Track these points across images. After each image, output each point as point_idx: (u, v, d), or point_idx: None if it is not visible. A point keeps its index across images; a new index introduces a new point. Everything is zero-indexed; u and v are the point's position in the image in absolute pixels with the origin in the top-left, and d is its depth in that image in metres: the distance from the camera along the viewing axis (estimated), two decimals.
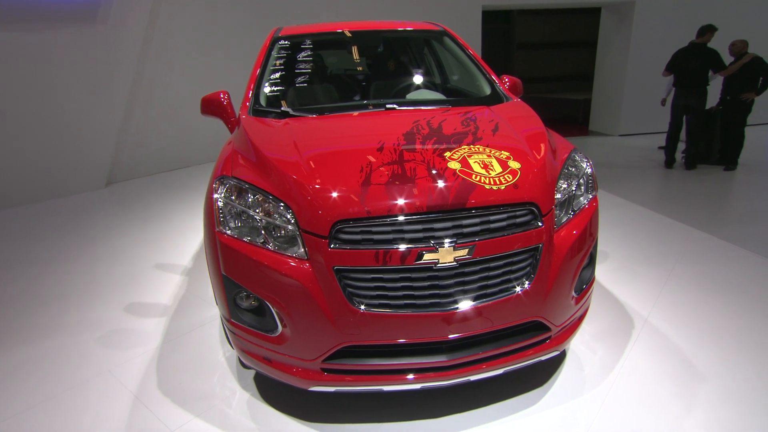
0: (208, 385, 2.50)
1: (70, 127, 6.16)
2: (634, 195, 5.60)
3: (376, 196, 1.83)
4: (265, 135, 2.37)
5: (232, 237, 1.98)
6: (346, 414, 2.23)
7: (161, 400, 2.42)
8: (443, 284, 1.82)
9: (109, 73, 6.32)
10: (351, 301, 1.81)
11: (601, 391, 2.33)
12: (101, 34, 6.14)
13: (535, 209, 1.94)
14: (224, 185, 2.09)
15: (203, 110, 2.97)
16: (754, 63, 6.24)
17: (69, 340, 3.00)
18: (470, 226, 1.84)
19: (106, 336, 3.02)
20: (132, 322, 3.16)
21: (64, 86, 6.00)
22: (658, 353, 2.61)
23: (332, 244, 1.80)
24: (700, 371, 2.46)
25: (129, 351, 2.84)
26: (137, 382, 2.56)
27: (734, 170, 6.58)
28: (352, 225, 1.80)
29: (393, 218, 1.79)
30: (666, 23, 9.23)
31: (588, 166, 2.32)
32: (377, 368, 1.91)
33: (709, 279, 3.44)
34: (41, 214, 5.63)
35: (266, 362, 2.06)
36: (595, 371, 2.47)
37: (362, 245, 1.80)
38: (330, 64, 3.46)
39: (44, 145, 6.00)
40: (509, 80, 3.18)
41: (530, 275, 1.93)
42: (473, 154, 2.05)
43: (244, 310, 2.04)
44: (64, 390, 2.52)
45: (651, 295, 3.23)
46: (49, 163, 6.08)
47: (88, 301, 3.46)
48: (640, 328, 2.84)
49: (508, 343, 1.98)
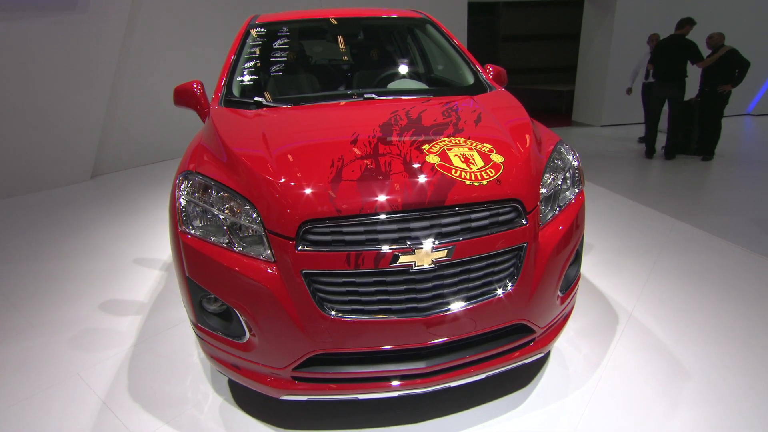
0: (180, 388, 2.30)
1: (53, 119, 5.84)
2: (616, 185, 5.46)
3: (346, 194, 1.62)
4: (234, 127, 2.14)
5: (196, 237, 1.77)
6: (321, 420, 2.05)
7: (130, 406, 2.22)
8: (420, 288, 1.63)
9: (91, 64, 5.99)
10: (321, 307, 1.62)
11: (585, 391, 2.18)
12: (81, 23, 5.80)
13: (519, 206, 1.74)
14: (188, 181, 1.87)
15: (176, 101, 2.72)
16: (730, 55, 6.12)
17: (39, 341, 2.78)
18: (449, 225, 1.64)
19: (78, 336, 2.80)
20: (106, 321, 2.95)
21: (45, 77, 5.67)
22: (642, 349, 2.46)
23: (300, 245, 1.59)
24: (685, 368, 2.32)
25: (101, 353, 2.63)
26: (106, 387, 2.36)
27: (711, 160, 6.47)
28: (321, 225, 1.59)
29: (365, 218, 1.59)
30: (648, 16, 9.05)
31: (574, 159, 2.13)
32: (351, 376, 1.73)
33: (691, 271, 3.30)
34: (25, 206, 5.35)
35: (235, 369, 1.86)
36: (580, 370, 2.31)
37: (332, 247, 1.59)
38: (307, 53, 3.20)
39: (27, 137, 5.68)
40: (493, 69, 2.96)
41: (514, 276, 1.75)
42: (453, 146, 1.85)
43: (211, 314, 1.84)
44: (27, 396, 2.31)
45: (635, 289, 3.08)
46: (33, 156, 5.77)
47: (62, 299, 3.23)
48: (625, 323, 2.69)
49: (491, 348, 1.80)
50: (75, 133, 6.04)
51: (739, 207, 4.68)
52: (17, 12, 5.33)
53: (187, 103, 2.68)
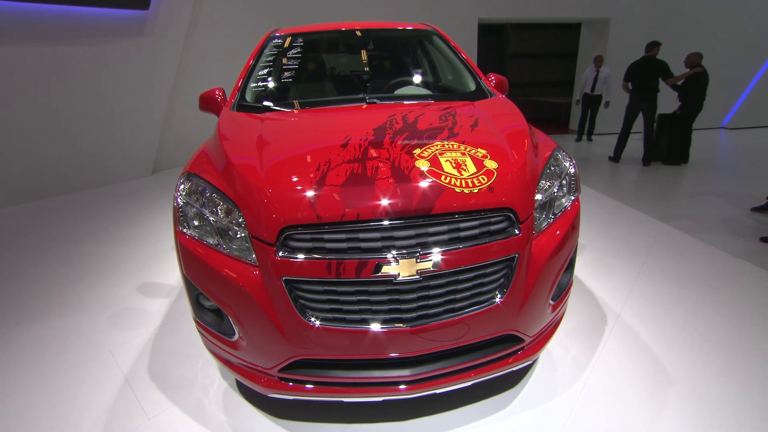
0: (192, 371, 2.08)
1: (120, 123, 5.74)
2: (605, 188, 4.97)
3: (328, 200, 1.33)
4: (235, 131, 1.86)
5: (191, 237, 1.51)
6: (315, 413, 1.79)
7: (147, 385, 2.02)
8: (404, 299, 1.33)
9: (153, 77, 5.86)
10: (303, 315, 1.34)
11: (572, 394, 1.84)
12: (146, 45, 5.66)
13: (512, 215, 1.41)
14: (186, 183, 1.61)
15: (201, 106, 2.47)
16: (697, 75, 5.80)
17: (85, 318, 2.62)
18: (436, 234, 1.33)
19: (116, 315, 2.63)
20: (141, 301, 2.76)
21: (115, 90, 5.58)
22: (629, 352, 2.10)
23: (280, 252, 1.31)
24: (669, 373, 1.96)
25: (131, 331, 2.44)
26: (131, 364, 2.16)
27: (687, 164, 6.14)
28: (302, 232, 1.30)
29: (347, 225, 1.29)
30: (637, 37, 8.40)
31: (571, 166, 1.76)
32: (336, 381, 1.45)
33: (678, 273, 2.87)
34: (95, 198, 5.28)
35: (228, 365, 1.61)
36: (568, 372, 1.97)
37: (313, 255, 1.31)
38: (320, 62, 2.87)
39: (98, 138, 5.60)
40: (495, 78, 2.57)
41: (504, 288, 1.42)
42: (446, 151, 1.51)
43: (207, 310, 1.59)
44: (66, 369, 2.16)
45: (623, 290, 2.68)
46: (103, 155, 5.70)
47: (110, 280, 3.07)
48: (613, 325, 2.32)
49: (477, 356, 1.49)
50: (138, 135, 5.94)
51: (711, 207, 4.17)
52: (97, 38, 5.24)
53: (210, 108, 2.43)
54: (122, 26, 5.42)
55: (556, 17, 9.35)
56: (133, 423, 1.79)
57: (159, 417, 1.82)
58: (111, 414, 1.85)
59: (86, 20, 5.11)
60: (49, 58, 4.95)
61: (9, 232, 4.17)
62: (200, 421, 1.78)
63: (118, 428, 1.77)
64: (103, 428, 1.77)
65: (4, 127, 4.81)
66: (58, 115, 5.18)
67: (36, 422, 1.82)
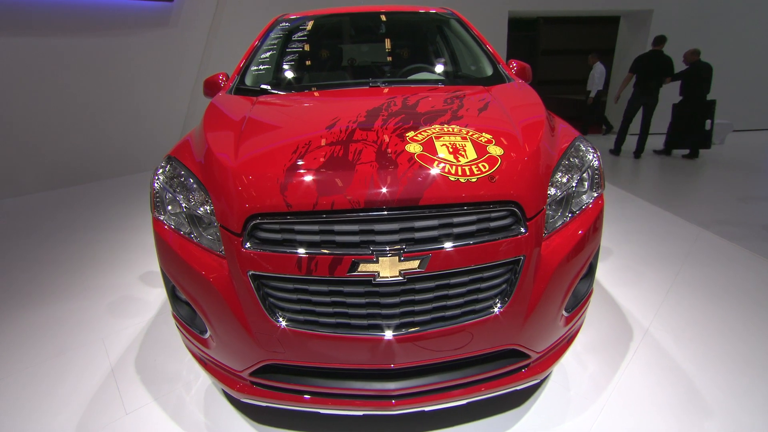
0: (178, 366, 1.97)
1: (145, 115, 5.81)
2: (639, 190, 4.57)
3: (300, 186, 1.15)
4: (221, 115, 1.72)
5: (164, 225, 1.38)
6: (296, 421, 1.63)
7: (132, 377, 1.92)
8: (385, 303, 1.14)
9: (177, 70, 5.90)
10: (271, 315, 1.17)
11: (587, 419, 1.60)
12: (171, 37, 5.69)
13: (518, 210, 1.19)
14: (165, 166, 1.48)
15: (205, 92, 2.36)
16: (697, 69, 5.79)
17: (84, 303, 2.58)
18: (424, 230, 1.13)
19: (114, 302, 2.57)
20: (141, 290, 2.70)
21: (140, 81, 5.64)
22: (657, 374, 1.83)
23: (246, 243, 1.15)
24: (705, 400, 1.67)
25: (127, 320, 2.37)
26: (119, 355, 2.08)
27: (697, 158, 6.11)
28: (270, 221, 1.14)
29: (320, 215, 1.11)
30: (680, 30, 7.80)
31: (595, 158, 1.51)
32: (311, 390, 1.27)
33: (718, 285, 2.53)
34: (119, 186, 5.35)
35: (202, 364, 1.48)
36: (583, 393, 1.72)
37: (282, 247, 1.14)
38: (325, 47, 2.69)
39: (123, 130, 5.69)
40: (517, 65, 2.32)
41: (506, 295, 1.21)
42: (444, 135, 1.30)
43: (183, 303, 1.45)
44: (56, 354, 2.10)
45: (654, 301, 2.38)
46: (127, 145, 5.78)
47: (116, 267, 3.04)
48: (639, 341, 2.04)
49: (474, 373, 1.28)
50: (162, 126, 6.00)
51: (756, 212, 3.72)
52: (124, 29, 5.30)
53: (213, 93, 2.31)
54: (148, 18, 5.46)
55: (594, 10, 8.84)
56: (109, 417, 1.69)
57: (137, 412, 1.71)
58: (90, 406, 1.76)
59: (114, 12, 5.17)
60: (78, 49, 5.03)
61: (34, 217, 4.26)
62: (177, 420, 1.66)
63: (94, 422, 1.67)
64: (79, 421, 1.68)
65: (37, 117, 4.93)
66: (85, 105, 5.28)
67: (19, 409, 1.76)
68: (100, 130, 5.49)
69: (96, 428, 1.64)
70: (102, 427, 1.64)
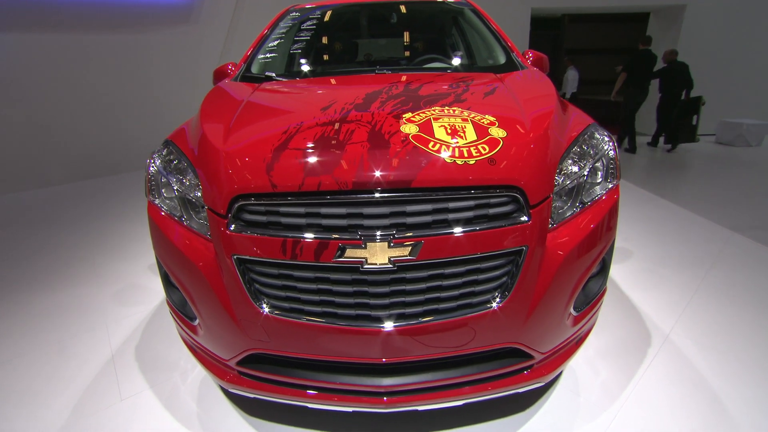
0: (176, 355, 1.95)
1: (165, 111, 5.92)
2: (666, 192, 4.34)
3: (287, 166, 1.09)
4: (219, 99, 1.69)
5: (157, 209, 1.35)
6: (288, 415, 1.57)
7: (130, 363, 1.91)
8: (374, 292, 1.07)
9: (197, 66, 5.98)
10: (256, 301, 1.11)
11: (597, 428, 1.48)
12: (192, 33, 5.79)
13: (520, 197, 1.10)
14: (162, 150, 1.45)
15: (214, 82, 2.34)
16: (671, 68, 6.27)
17: (93, 290, 2.61)
18: (417, 215, 1.05)
19: (122, 290, 2.59)
20: (148, 279, 2.71)
21: (162, 76, 5.76)
22: (677, 383, 1.69)
23: (231, 225, 1.10)
24: (731, 414, 1.53)
25: (131, 308, 2.38)
26: (121, 341, 2.08)
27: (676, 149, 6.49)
28: (255, 202, 1.08)
29: (306, 197, 1.05)
30: (714, 26, 7.38)
31: (610, 148, 1.39)
32: (299, 383, 1.21)
33: (748, 291, 2.34)
34: (136, 180, 5.45)
35: (193, 351, 1.44)
36: (594, 400, 1.60)
37: (267, 230, 1.08)
38: (334, 37, 2.62)
39: (144, 125, 5.81)
40: (533, 55, 2.20)
41: (506, 290, 1.11)
42: (443, 116, 1.22)
43: (174, 288, 1.42)
44: (62, 339, 2.12)
45: (677, 306, 2.22)
46: (148, 140, 5.88)
47: (128, 256, 3.07)
48: (659, 347, 1.90)
49: (472, 371, 1.19)
50: (181, 122, 6.07)
51: None
52: (146, 26, 5.42)
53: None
54: (169, 15, 5.56)
55: (622, 5, 8.49)
56: (105, 403, 1.68)
57: (131, 399, 1.69)
58: (88, 390, 1.76)
59: (136, 9, 5.29)
60: (102, 46, 5.17)
61: (57, 207, 4.39)
62: (170, 409, 1.63)
63: (89, 407, 1.66)
64: (75, 405, 1.68)
65: (62, 113, 5.09)
66: (109, 102, 5.42)
67: (23, 390, 1.77)
68: (122, 125, 5.62)
69: (91, 412, 1.63)
70: (96, 412, 1.63)
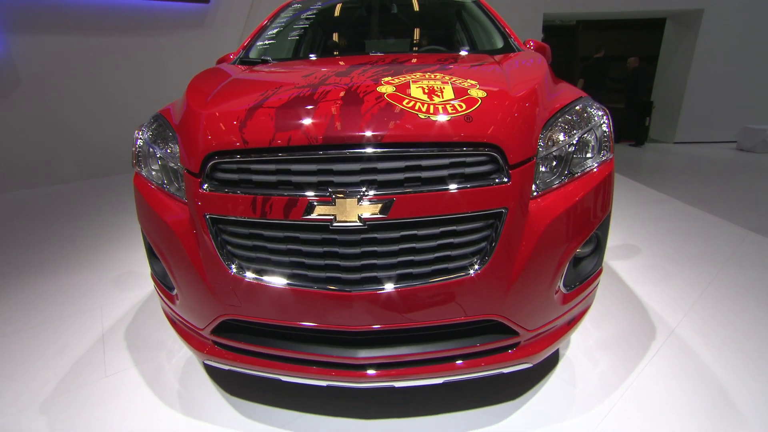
0: (165, 335, 1.94)
1: None
2: (684, 195, 4.19)
3: (259, 123, 1.07)
4: (209, 75, 1.68)
5: (143, 179, 1.35)
6: (268, 395, 1.53)
7: (119, 343, 1.90)
8: (345, 253, 1.03)
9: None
10: (228, 263, 1.08)
11: (591, 420, 1.39)
12: (206, 37, 5.93)
13: (498, 156, 1.04)
14: (152, 123, 1.46)
15: None
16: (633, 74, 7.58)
17: (94, 275, 2.62)
18: (389, 172, 1.01)
19: (121, 275, 2.60)
20: (146, 266, 2.71)
21: (175, 80, 5.87)
22: (681, 377, 1.58)
23: (204, 184, 1.08)
24: (738, 409, 1.42)
25: (127, 292, 2.38)
26: (113, 322, 2.08)
27: None
28: (227, 160, 1.06)
29: (276, 153, 1.02)
30: (732, 32, 7.21)
31: (603, 121, 1.32)
32: (271, 353, 1.17)
33: (762, 288, 2.21)
34: None
35: (172, 323, 1.42)
36: (591, 391, 1.51)
37: (239, 188, 1.06)
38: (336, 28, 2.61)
39: None
40: (534, 43, 2.16)
41: (485, 255, 1.06)
42: (423, 80, 1.18)
43: (156, 258, 1.40)
44: (60, 318, 2.14)
45: (685, 301, 2.11)
46: None
47: (133, 245, 3.10)
48: (663, 340, 1.79)
49: (453, 346, 1.13)
50: None
51: None
52: (161, 30, 5.58)
53: None
54: (184, 19, 5.72)
55: (637, 11, 8.37)
56: (89, 378, 1.67)
57: (115, 376, 1.67)
58: (75, 366, 1.75)
59: (151, 13, 5.45)
60: (116, 49, 5.33)
61: (69, 202, 4.49)
62: (152, 386, 1.60)
63: (73, 381, 1.65)
64: (60, 379, 1.67)
65: (77, 113, 5.25)
66: (122, 103, 5.56)
67: (10, 364, 1.78)
68: (135, 126, 5.76)
69: (74, 387, 1.62)
70: (79, 387, 1.62)
